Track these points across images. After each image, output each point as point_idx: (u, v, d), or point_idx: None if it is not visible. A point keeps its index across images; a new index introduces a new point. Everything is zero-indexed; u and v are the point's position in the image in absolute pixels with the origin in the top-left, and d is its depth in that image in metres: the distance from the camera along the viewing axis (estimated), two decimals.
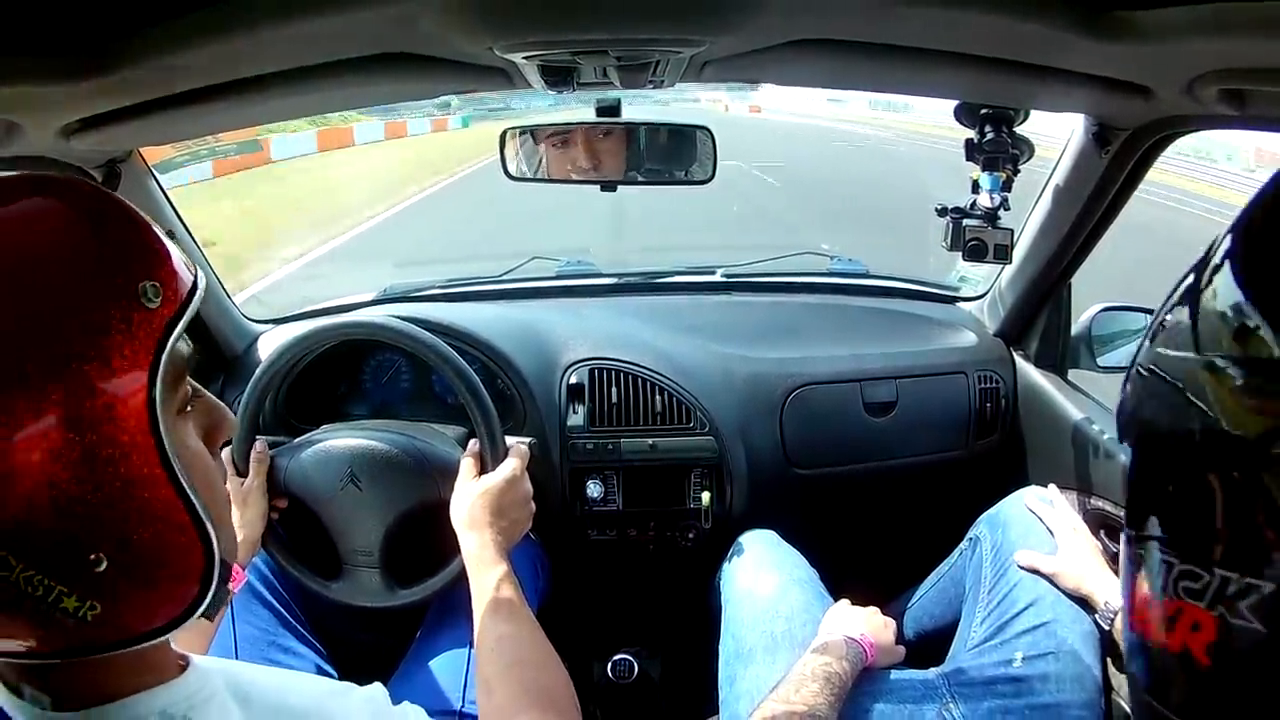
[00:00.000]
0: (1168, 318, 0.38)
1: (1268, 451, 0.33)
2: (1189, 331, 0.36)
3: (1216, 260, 0.36)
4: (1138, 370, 0.40)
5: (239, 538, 0.95)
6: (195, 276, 0.45)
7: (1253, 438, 0.33)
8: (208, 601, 0.45)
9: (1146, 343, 0.40)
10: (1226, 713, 0.36)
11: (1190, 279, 0.38)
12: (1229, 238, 0.36)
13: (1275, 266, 0.34)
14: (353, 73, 0.70)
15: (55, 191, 0.42)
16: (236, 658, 0.93)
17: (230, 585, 0.97)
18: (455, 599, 1.06)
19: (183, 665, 0.48)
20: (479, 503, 0.92)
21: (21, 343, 0.38)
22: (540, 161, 1.09)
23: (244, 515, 0.99)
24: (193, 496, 0.43)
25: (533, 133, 1.09)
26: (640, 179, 1.09)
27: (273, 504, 1.03)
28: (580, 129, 1.06)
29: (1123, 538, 0.41)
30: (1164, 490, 0.39)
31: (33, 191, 0.42)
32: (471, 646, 1.00)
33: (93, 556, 0.40)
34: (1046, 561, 0.95)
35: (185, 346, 0.45)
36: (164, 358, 0.42)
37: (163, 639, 0.45)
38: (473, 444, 0.99)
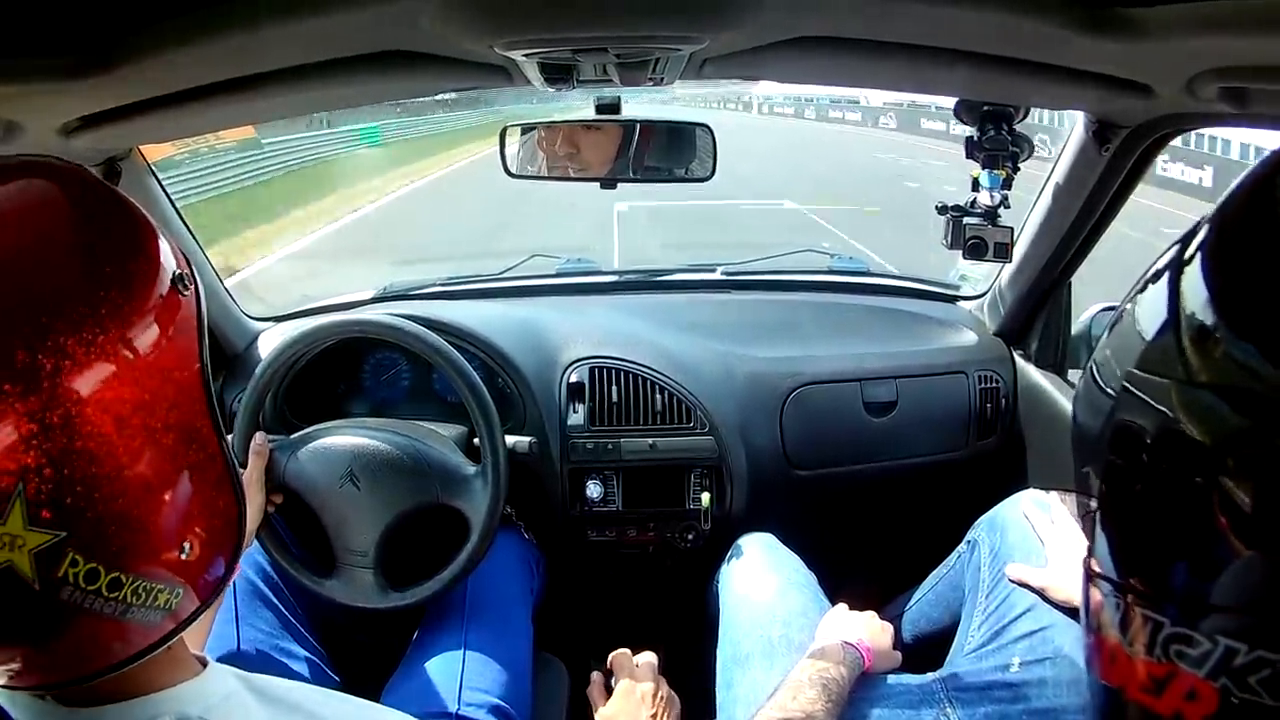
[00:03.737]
0: (1129, 308, 0.36)
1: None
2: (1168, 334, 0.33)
3: (1188, 254, 0.34)
4: (1099, 384, 0.36)
5: None
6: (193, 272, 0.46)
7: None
8: (231, 577, 0.48)
9: (1105, 335, 0.38)
10: None
11: (1159, 270, 0.35)
12: (1204, 230, 0.34)
13: (1244, 268, 0.32)
14: (352, 70, 0.70)
15: (58, 178, 0.43)
16: (239, 654, 0.93)
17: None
18: (451, 601, 1.06)
19: (202, 665, 0.48)
20: None
21: (106, 329, 0.38)
22: (540, 159, 1.09)
23: None
24: (238, 477, 0.46)
25: (533, 130, 1.10)
26: (640, 176, 1.09)
27: (270, 499, 1.03)
28: (580, 126, 1.07)
29: (1082, 570, 0.37)
30: (1148, 532, 0.34)
31: (46, 177, 0.42)
32: (466, 649, 1.00)
33: (183, 543, 0.42)
34: (1036, 575, 0.94)
35: None
36: (205, 342, 0.44)
37: (181, 633, 0.45)
38: (596, 676, 0.93)
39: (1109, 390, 0.35)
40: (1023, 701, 0.86)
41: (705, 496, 1.24)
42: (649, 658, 0.94)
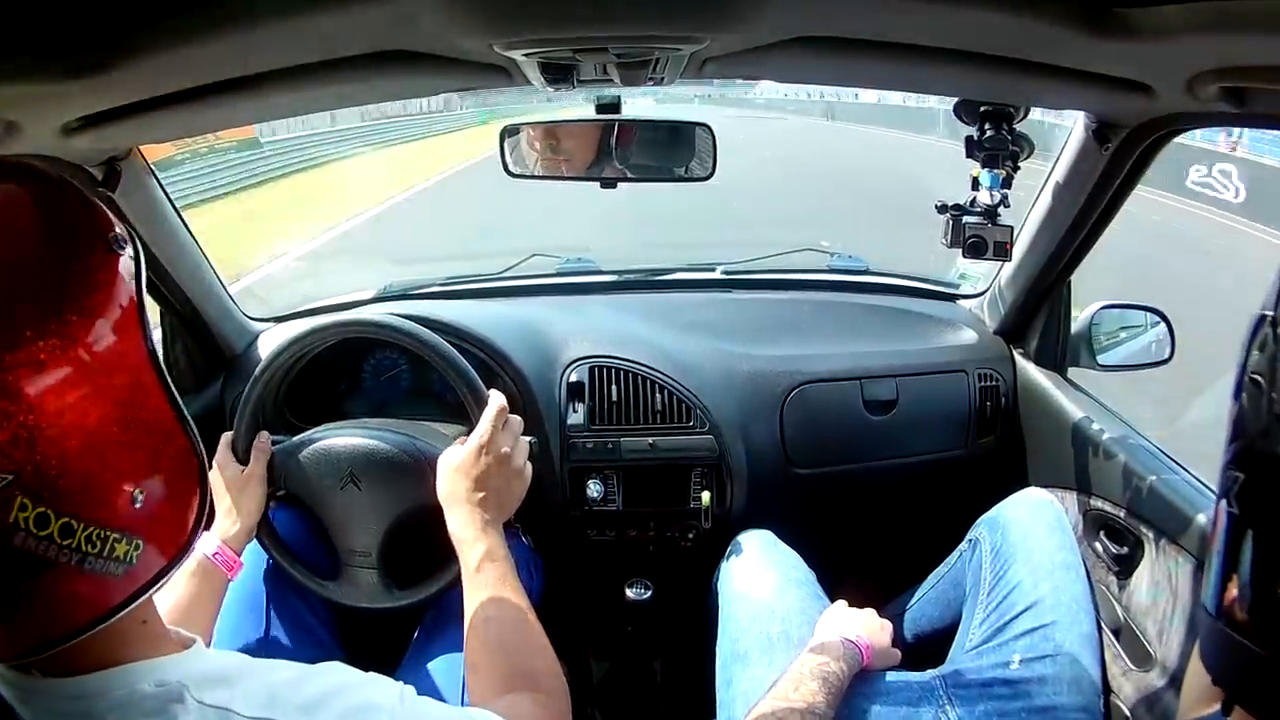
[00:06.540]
0: None
1: None
2: None
3: None
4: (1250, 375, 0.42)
5: (237, 526, 0.96)
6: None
7: None
8: (198, 536, 0.48)
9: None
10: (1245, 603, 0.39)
11: None
12: None
13: None
14: (352, 70, 0.70)
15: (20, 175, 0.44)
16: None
17: (229, 574, 0.97)
18: (451, 601, 1.06)
19: (185, 645, 0.49)
20: (453, 477, 0.89)
21: (38, 300, 0.40)
22: (540, 159, 1.09)
23: (242, 504, 0.98)
24: (191, 427, 0.47)
25: (532, 130, 1.09)
26: (639, 176, 1.09)
27: (271, 493, 1.03)
28: (580, 126, 1.06)
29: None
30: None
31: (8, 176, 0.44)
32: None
33: (133, 491, 0.42)
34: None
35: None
36: (145, 299, 0.45)
37: (150, 595, 0.45)
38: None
39: None
40: (1022, 699, 0.86)
41: (705, 495, 1.24)
42: (516, 423, 0.94)
